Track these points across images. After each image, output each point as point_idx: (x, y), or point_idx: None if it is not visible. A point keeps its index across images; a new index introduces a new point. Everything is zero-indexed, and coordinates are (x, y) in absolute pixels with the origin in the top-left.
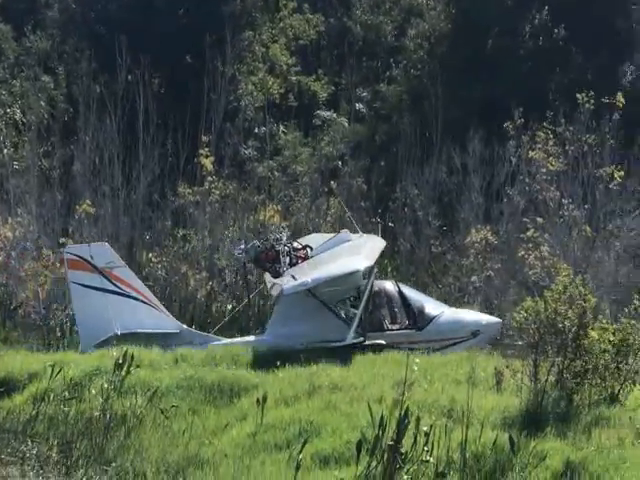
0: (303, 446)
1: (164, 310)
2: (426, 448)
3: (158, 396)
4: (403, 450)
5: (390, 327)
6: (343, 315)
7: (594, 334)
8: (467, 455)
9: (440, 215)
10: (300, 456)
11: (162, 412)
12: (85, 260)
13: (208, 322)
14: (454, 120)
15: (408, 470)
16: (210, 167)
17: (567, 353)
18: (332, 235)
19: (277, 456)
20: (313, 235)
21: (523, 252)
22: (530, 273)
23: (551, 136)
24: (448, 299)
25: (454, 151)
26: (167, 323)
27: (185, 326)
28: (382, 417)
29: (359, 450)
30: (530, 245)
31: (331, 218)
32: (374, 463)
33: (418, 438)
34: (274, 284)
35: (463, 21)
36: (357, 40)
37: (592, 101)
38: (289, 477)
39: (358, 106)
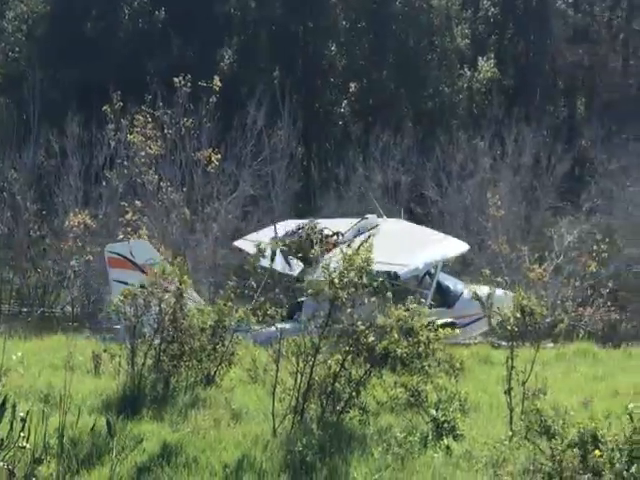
0: None
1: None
2: (22, 434)
3: None
4: None
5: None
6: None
7: (194, 310)
8: (64, 440)
9: (38, 199)
10: None
11: None
12: (125, 258)
13: None
14: (52, 103)
15: (4, 457)
16: None
17: (164, 336)
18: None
19: None
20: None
21: (122, 235)
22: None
23: (150, 120)
24: (47, 283)
25: (52, 134)
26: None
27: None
28: None
29: None
30: (129, 228)
31: None
32: None
33: (14, 425)
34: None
35: (62, 3)
36: None
37: (190, 84)
38: None
39: None
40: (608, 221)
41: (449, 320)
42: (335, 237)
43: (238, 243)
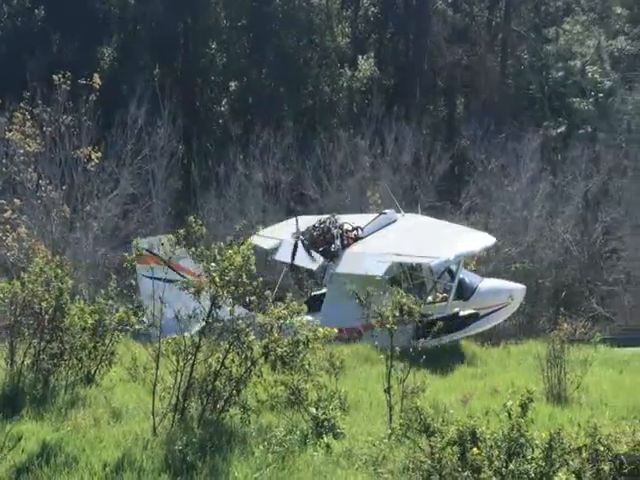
0: None
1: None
2: None
3: None
4: None
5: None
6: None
7: (75, 309)
8: None
9: None
10: None
11: None
12: (152, 253)
13: None
14: None
15: None
16: None
17: (44, 335)
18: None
19: None
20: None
21: (1, 234)
22: (8, 255)
23: (29, 117)
24: None
25: None
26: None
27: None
28: None
29: None
30: (8, 227)
31: None
32: None
33: None
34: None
35: None
36: None
37: (69, 82)
38: None
39: None
40: (487, 220)
41: (472, 311)
42: (355, 232)
43: (252, 239)
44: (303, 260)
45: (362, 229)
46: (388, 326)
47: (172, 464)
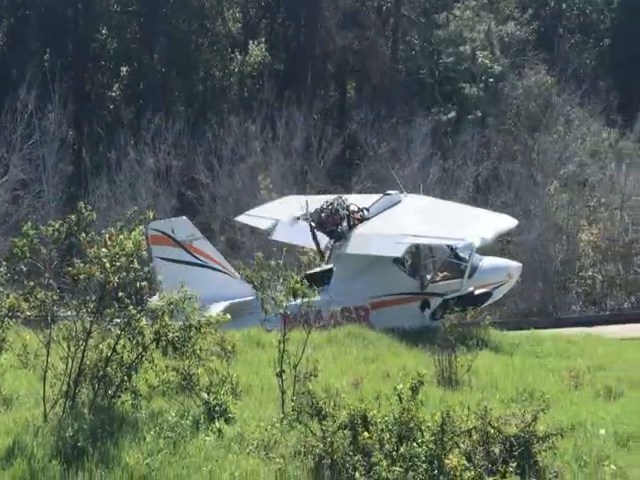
0: None
1: (239, 277)
2: None
3: None
4: None
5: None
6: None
7: None
8: None
9: None
10: None
11: None
12: (167, 235)
13: None
14: None
15: None
16: None
17: None
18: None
19: None
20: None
21: None
22: None
23: None
24: None
25: None
26: (243, 290)
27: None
28: None
29: None
30: None
31: None
32: None
33: None
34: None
35: None
36: None
37: None
38: None
39: None
40: None
41: (486, 290)
42: (361, 213)
43: (241, 218)
44: (307, 240)
45: (368, 210)
46: (281, 311)
47: (63, 450)
